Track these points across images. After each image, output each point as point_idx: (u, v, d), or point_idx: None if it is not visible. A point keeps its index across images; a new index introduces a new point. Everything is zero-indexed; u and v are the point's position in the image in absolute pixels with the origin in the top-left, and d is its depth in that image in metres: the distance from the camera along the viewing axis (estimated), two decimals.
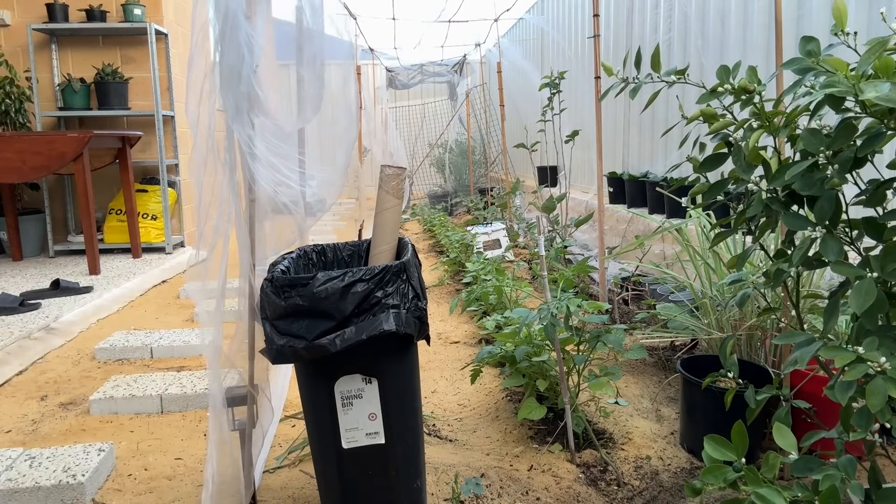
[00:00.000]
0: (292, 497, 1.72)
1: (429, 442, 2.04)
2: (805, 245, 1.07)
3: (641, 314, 2.80)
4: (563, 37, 6.27)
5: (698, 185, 1.34)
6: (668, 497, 1.69)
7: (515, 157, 6.90)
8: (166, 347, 2.85)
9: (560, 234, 4.32)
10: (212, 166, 1.37)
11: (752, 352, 2.22)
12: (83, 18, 4.83)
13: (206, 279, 1.38)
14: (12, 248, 4.68)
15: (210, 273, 1.37)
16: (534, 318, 1.88)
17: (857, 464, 1.03)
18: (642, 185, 4.30)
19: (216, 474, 1.37)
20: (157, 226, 4.99)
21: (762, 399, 1.35)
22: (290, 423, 2.15)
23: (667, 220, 3.50)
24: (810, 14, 2.91)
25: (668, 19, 4.21)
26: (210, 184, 1.38)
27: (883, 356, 0.90)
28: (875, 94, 0.88)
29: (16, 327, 3.01)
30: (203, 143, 1.36)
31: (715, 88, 1.20)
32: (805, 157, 1.04)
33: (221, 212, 1.37)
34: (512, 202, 5.86)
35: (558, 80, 4.07)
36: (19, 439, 2.08)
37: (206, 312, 1.36)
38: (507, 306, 3.11)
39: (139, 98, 5.06)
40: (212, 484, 1.37)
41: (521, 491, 1.73)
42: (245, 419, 1.45)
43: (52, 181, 5.02)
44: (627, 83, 1.41)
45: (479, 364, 2.17)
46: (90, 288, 3.72)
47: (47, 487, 1.67)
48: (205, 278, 1.37)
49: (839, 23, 1.04)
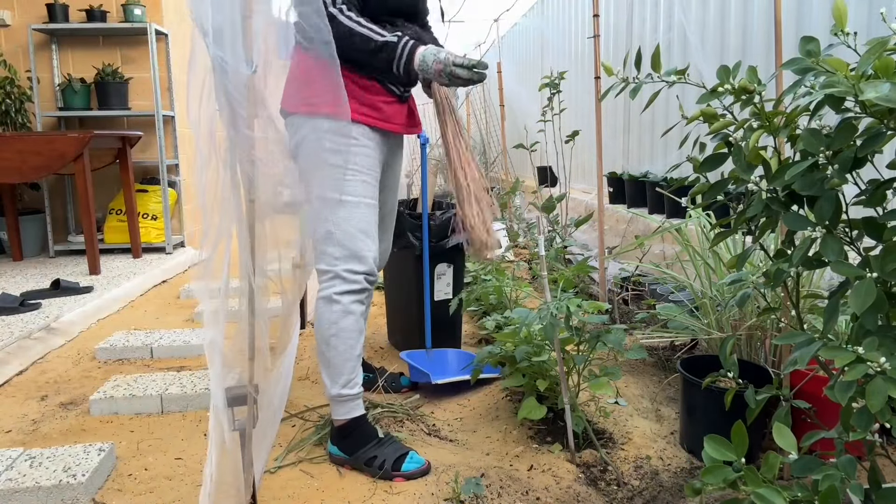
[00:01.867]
0: (292, 497, 1.72)
1: (429, 442, 2.04)
2: (805, 245, 1.07)
3: (641, 314, 2.80)
4: (563, 37, 6.27)
5: (698, 185, 1.34)
6: (668, 497, 1.69)
7: (515, 157, 6.90)
8: (166, 347, 2.86)
9: (560, 234, 4.32)
10: (214, 165, 1.37)
11: (752, 352, 2.22)
12: (83, 18, 4.83)
13: (209, 279, 1.38)
14: (12, 248, 4.68)
15: (213, 273, 1.37)
16: (534, 318, 1.88)
17: (857, 464, 1.03)
18: (642, 185, 4.30)
19: (214, 474, 1.37)
20: (158, 226, 4.99)
21: (762, 399, 1.35)
22: (291, 423, 2.15)
23: (667, 220, 3.50)
24: (810, 14, 2.91)
25: (668, 19, 4.21)
26: (213, 183, 1.38)
27: (883, 356, 0.90)
28: (875, 95, 0.88)
29: (16, 327, 3.01)
30: (205, 144, 1.36)
31: (715, 88, 1.20)
32: (805, 157, 1.04)
33: (224, 211, 1.38)
34: (512, 202, 5.86)
35: (558, 80, 4.07)
36: (19, 439, 2.08)
37: (209, 312, 1.36)
38: (507, 306, 3.11)
39: (139, 98, 5.06)
40: (209, 483, 1.37)
41: (521, 491, 1.73)
42: (245, 419, 1.45)
43: (53, 181, 5.02)
44: (627, 83, 1.41)
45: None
46: (90, 288, 3.72)
47: (47, 487, 1.67)
48: (208, 278, 1.37)
49: (839, 23, 1.04)
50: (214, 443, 1.36)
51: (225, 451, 1.39)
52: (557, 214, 4.47)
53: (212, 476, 1.36)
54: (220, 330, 1.36)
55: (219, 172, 1.37)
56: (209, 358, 1.34)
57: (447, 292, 2.75)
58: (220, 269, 1.36)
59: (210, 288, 1.35)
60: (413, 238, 2.61)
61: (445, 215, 2.67)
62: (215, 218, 1.37)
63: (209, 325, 1.35)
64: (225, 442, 1.36)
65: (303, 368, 2.69)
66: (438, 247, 2.62)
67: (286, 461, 1.89)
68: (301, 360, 2.79)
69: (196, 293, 1.35)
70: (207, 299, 1.34)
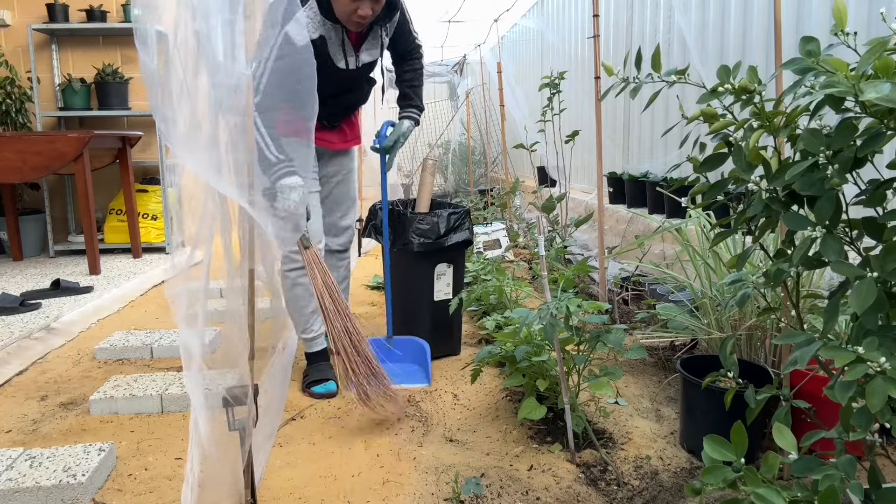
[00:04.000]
0: (292, 497, 1.72)
1: (429, 441, 2.04)
2: (805, 245, 1.07)
3: (641, 314, 2.80)
4: (563, 37, 6.27)
5: (698, 185, 1.34)
6: (668, 497, 1.69)
7: (515, 157, 6.90)
8: (166, 347, 2.86)
9: (560, 234, 4.32)
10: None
11: (752, 352, 2.22)
12: (83, 18, 4.83)
13: (210, 279, 1.38)
14: (12, 248, 4.68)
15: (214, 272, 1.37)
16: (534, 318, 1.88)
17: (856, 464, 1.03)
18: (642, 185, 4.30)
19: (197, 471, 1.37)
20: (158, 226, 4.99)
21: (762, 399, 1.35)
22: (291, 422, 2.15)
23: (667, 220, 3.50)
24: (810, 14, 2.91)
25: (667, 20, 4.21)
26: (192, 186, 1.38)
27: (883, 356, 0.90)
28: (875, 95, 0.89)
29: (16, 327, 3.01)
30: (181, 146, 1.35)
31: (715, 88, 1.20)
32: (805, 157, 1.04)
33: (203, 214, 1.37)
34: (512, 202, 5.86)
35: (558, 80, 4.07)
36: (19, 439, 2.08)
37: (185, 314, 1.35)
38: (507, 306, 3.10)
39: (139, 98, 5.06)
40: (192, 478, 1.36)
41: (522, 491, 1.73)
42: (245, 419, 1.45)
43: (53, 181, 5.02)
44: (627, 83, 1.41)
45: (479, 364, 2.17)
46: (90, 288, 3.72)
47: (47, 487, 1.67)
48: (208, 278, 1.37)
49: (839, 23, 1.04)
50: (194, 441, 1.36)
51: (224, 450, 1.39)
52: (557, 214, 4.47)
53: (193, 472, 1.36)
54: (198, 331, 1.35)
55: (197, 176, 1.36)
56: (184, 359, 1.33)
57: (447, 292, 2.73)
58: (201, 270, 1.36)
59: (189, 289, 1.34)
60: (413, 236, 2.59)
61: (445, 214, 2.65)
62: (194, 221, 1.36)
63: (185, 326, 1.34)
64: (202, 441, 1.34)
65: (300, 370, 2.69)
66: (436, 244, 2.58)
67: (286, 461, 1.89)
68: (300, 361, 2.79)
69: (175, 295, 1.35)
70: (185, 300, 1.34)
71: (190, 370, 1.32)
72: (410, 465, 1.88)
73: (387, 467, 1.87)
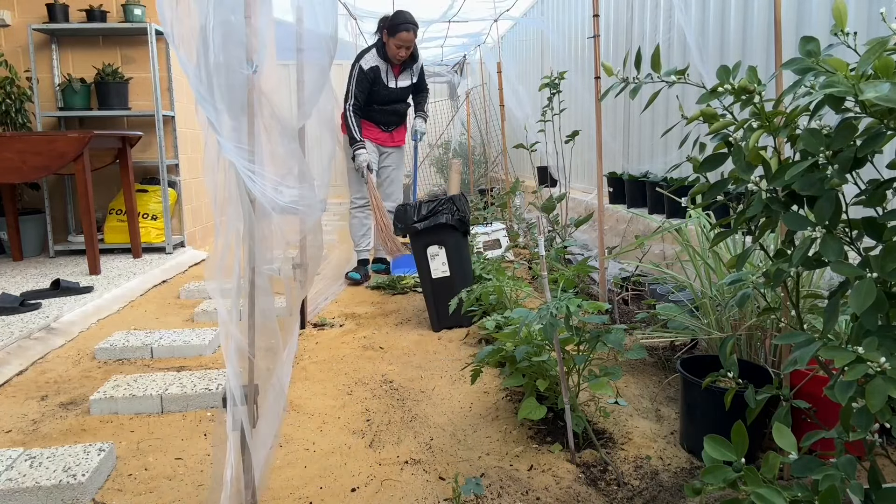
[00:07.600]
0: (292, 497, 1.72)
1: (429, 440, 2.04)
2: (805, 245, 1.07)
3: (641, 314, 2.80)
4: (563, 37, 6.27)
5: (698, 185, 1.34)
6: (668, 497, 1.70)
7: (515, 157, 6.90)
8: (166, 347, 2.86)
9: (560, 234, 4.32)
10: (223, 164, 1.37)
11: (751, 352, 2.22)
12: (83, 18, 4.83)
13: (222, 277, 1.39)
14: (12, 248, 4.68)
15: (225, 271, 1.37)
16: (534, 318, 1.88)
17: (856, 464, 1.03)
18: (642, 185, 4.30)
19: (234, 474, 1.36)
20: (158, 226, 4.99)
21: (762, 399, 1.35)
22: (291, 423, 2.15)
23: (667, 220, 3.50)
24: (810, 14, 2.91)
25: (667, 19, 4.21)
26: (223, 183, 1.38)
27: (883, 356, 0.90)
28: (875, 95, 0.89)
29: (16, 327, 3.01)
30: (213, 143, 1.36)
31: (715, 88, 1.20)
32: (805, 157, 1.04)
33: (233, 210, 1.38)
34: (512, 202, 5.86)
35: (558, 80, 4.07)
36: (19, 439, 2.08)
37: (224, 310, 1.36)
38: (507, 306, 3.10)
39: (139, 98, 5.06)
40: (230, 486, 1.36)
41: (522, 491, 1.73)
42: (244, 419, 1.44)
43: (53, 181, 5.02)
44: (627, 83, 1.41)
45: (479, 364, 2.17)
46: (90, 288, 3.72)
47: (47, 487, 1.67)
48: (220, 276, 1.38)
49: (839, 23, 1.04)
50: (232, 444, 1.35)
51: (224, 450, 1.39)
52: (557, 214, 4.47)
53: (232, 480, 1.35)
54: (235, 327, 1.36)
55: (226, 172, 1.37)
56: (226, 355, 1.34)
57: (444, 271, 3.16)
58: (233, 267, 1.37)
59: (223, 287, 1.35)
60: (397, 223, 3.37)
61: (420, 204, 3.27)
62: (225, 216, 1.37)
63: (225, 323, 1.34)
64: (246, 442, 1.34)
65: (301, 369, 2.69)
66: (425, 229, 3.15)
67: (286, 460, 1.89)
68: (300, 361, 2.79)
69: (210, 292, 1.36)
70: (220, 297, 1.34)
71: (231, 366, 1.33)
72: (410, 465, 1.88)
73: (387, 467, 1.87)
